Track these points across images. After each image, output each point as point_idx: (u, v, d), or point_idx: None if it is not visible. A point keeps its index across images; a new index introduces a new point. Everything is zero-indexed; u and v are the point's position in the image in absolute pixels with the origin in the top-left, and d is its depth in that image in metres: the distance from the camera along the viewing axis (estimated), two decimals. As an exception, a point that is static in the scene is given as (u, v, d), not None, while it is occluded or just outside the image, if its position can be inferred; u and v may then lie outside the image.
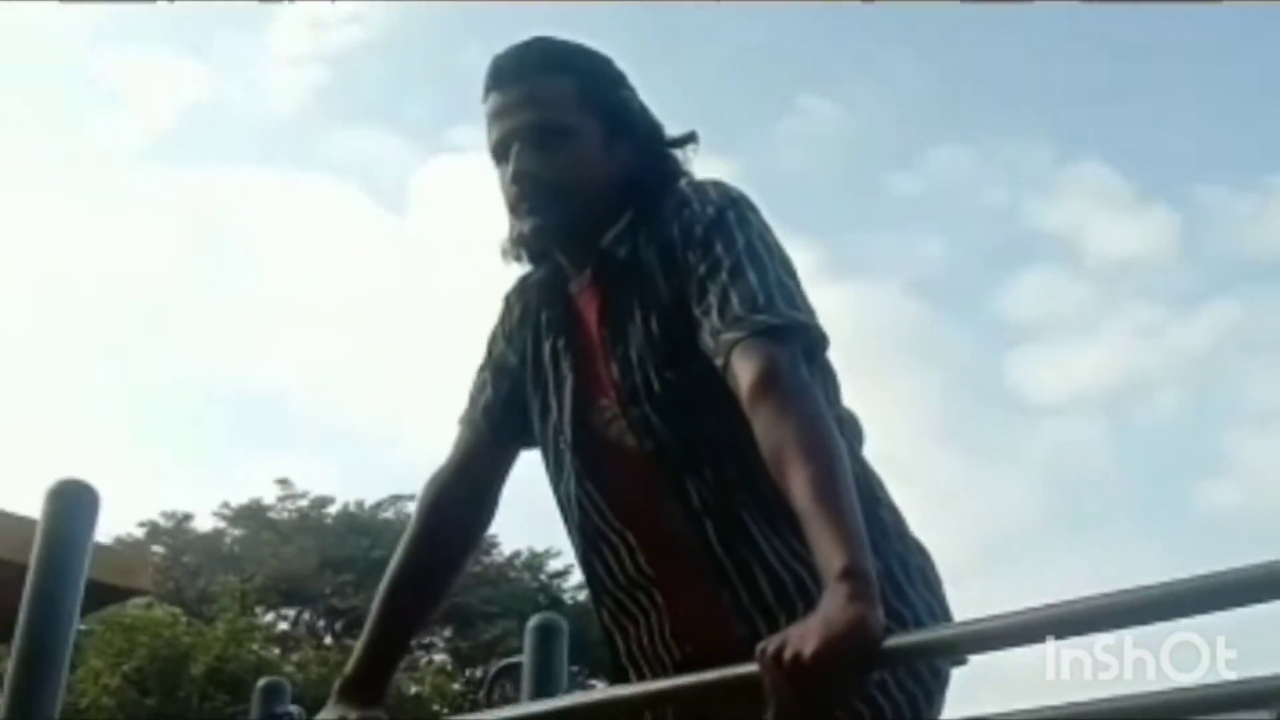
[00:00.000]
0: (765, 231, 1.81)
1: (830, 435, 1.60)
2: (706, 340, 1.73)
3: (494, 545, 25.77)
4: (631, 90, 1.94)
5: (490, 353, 2.07)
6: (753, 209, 1.83)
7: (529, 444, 2.02)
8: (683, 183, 1.90)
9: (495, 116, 1.89)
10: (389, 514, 25.31)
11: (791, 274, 1.78)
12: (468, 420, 2.06)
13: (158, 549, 25.51)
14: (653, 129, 1.94)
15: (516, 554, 25.81)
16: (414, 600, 2.05)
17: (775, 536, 1.76)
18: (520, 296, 2.03)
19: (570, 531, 1.95)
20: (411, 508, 2.57)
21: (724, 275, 1.74)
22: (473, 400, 2.07)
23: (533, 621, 3.88)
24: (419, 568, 2.03)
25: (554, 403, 1.92)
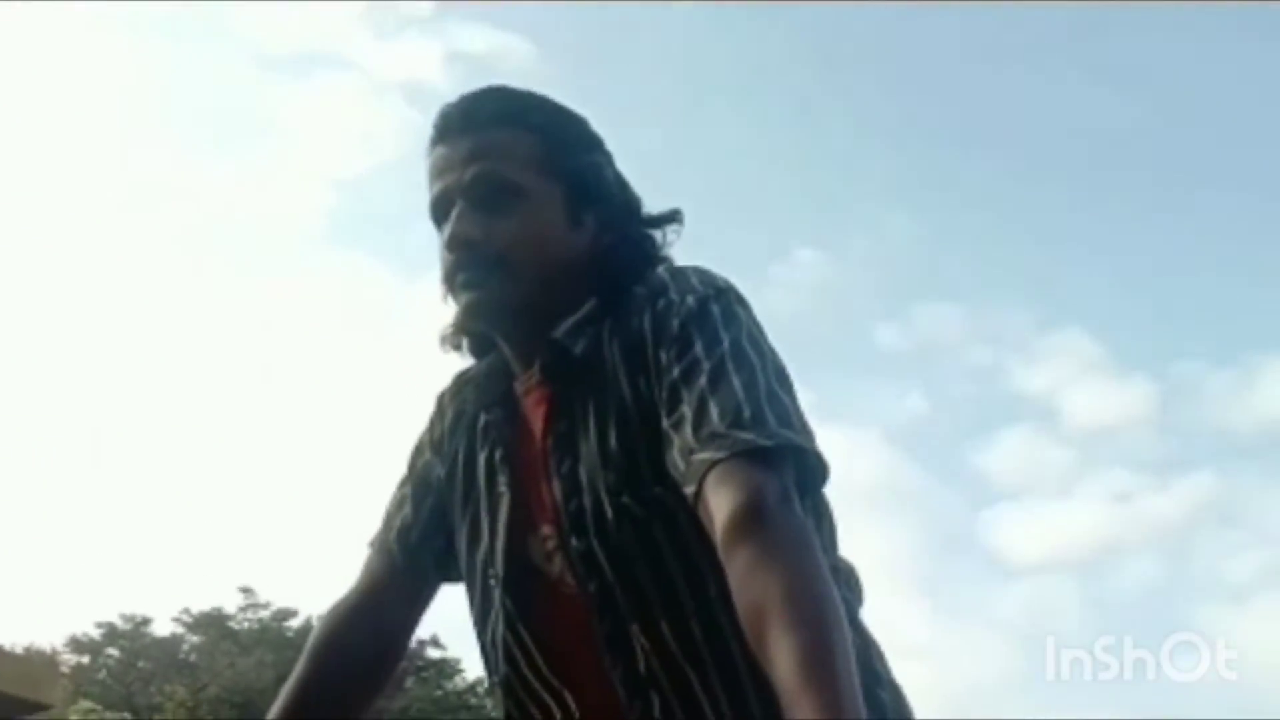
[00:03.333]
0: (756, 330, 1.46)
1: (827, 593, 1.23)
2: (676, 460, 1.37)
3: (458, 670, 25.14)
4: (607, 156, 1.59)
5: (413, 464, 1.70)
6: (742, 303, 1.48)
7: (451, 576, 1.65)
8: (660, 269, 1.55)
9: (435, 173, 1.54)
10: (352, 631, 24.61)
11: (786, 385, 1.42)
12: (379, 544, 1.69)
13: (113, 652, 24.88)
14: (628, 202, 1.59)
15: (479, 680, 25.07)
16: None
17: (741, 717, 1.39)
18: (455, 396, 1.67)
19: (493, 688, 1.57)
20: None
21: (703, 381, 1.38)
22: (387, 520, 1.70)
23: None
24: (306, 715, 1.63)
25: (485, 528, 1.55)
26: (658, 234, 1.58)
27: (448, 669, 25.24)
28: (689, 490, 1.34)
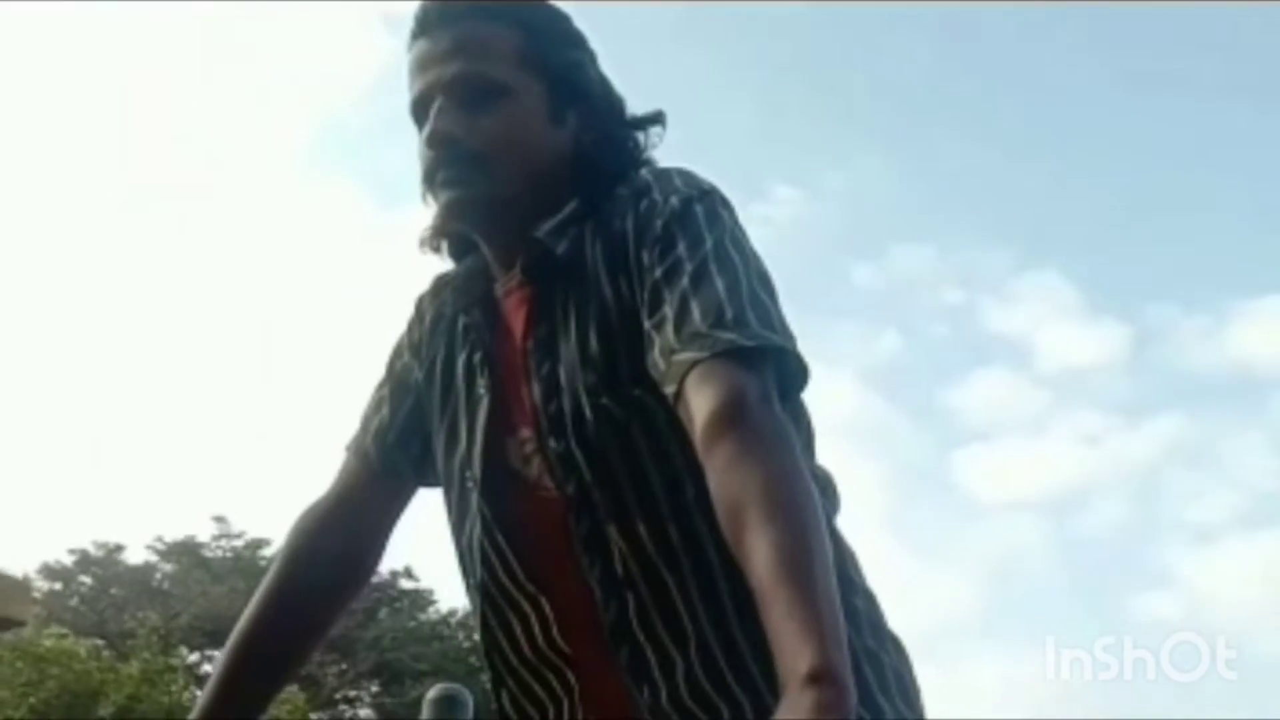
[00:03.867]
0: (740, 233, 1.44)
1: (805, 491, 1.22)
2: (657, 360, 1.35)
3: (430, 602, 25.24)
4: (591, 54, 1.56)
5: (391, 366, 1.68)
6: (726, 205, 1.46)
7: (428, 480, 1.64)
8: (644, 170, 1.53)
9: (416, 68, 1.51)
10: (326, 561, 24.65)
11: (769, 288, 1.40)
12: (355, 447, 1.68)
13: (85, 579, 24.89)
14: (611, 102, 1.56)
15: (453, 612, 25.23)
16: (264, 663, 1.64)
17: (717, 620, 1.39)
18: (434, 298, 1.64)
19: (470, 591, 1.55)
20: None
21: (685, 281, 1.37)
22: (364, 423, 1.68)
23: (433, 693, 3.40)
24: (275, 623, 1.62)
25: (463, 430, 1.54)
26: (641, 135, 1.56)
27: (421, 600, 25.36)
28: (669, 390, 1.33)
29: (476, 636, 1.56)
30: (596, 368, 1.41)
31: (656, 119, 1.57)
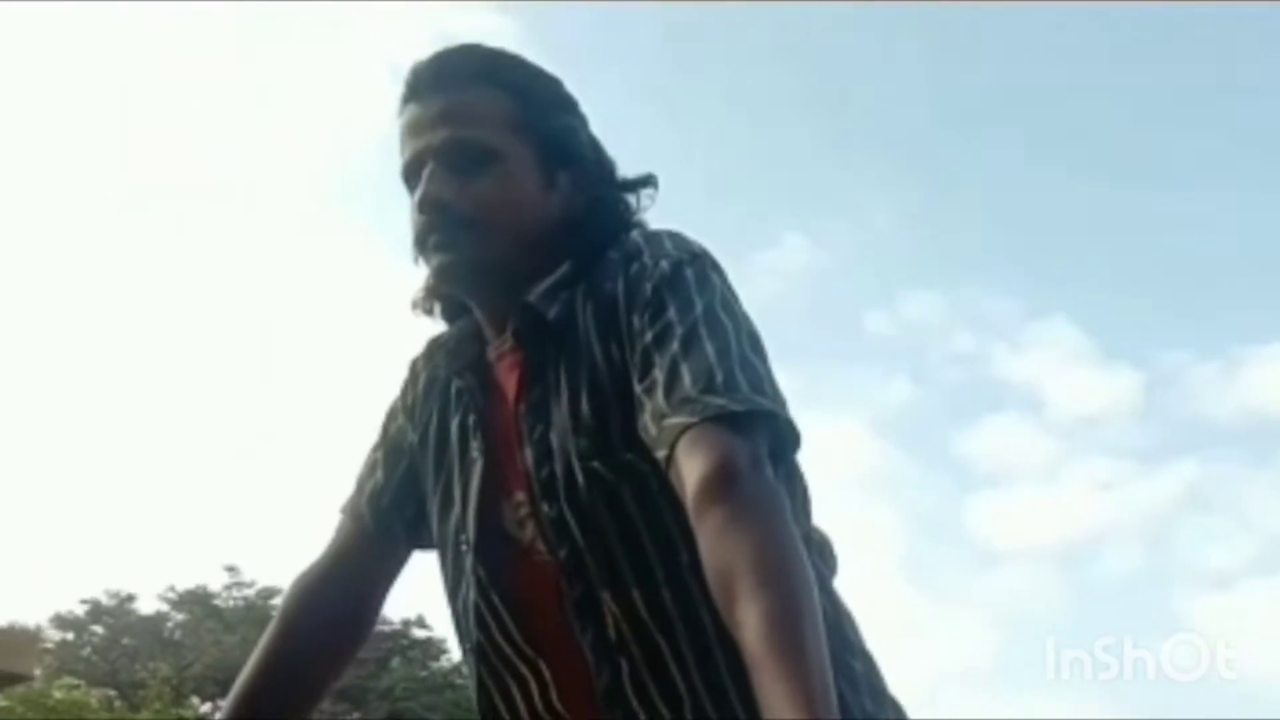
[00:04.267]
0: (730, 296, 1.44)
1: (796, 558, 1.21)
2: (648, 425, 1.35)
3: (443, 651, 25.14)
4: (582, 119, 1.57)
5: (385, 429, 1.68)
6: (716, 268, 1.46)
7: (423, 543, 1.64)
8: (634, 233, 1.53)
9: (408, 133, 1.52)
10: (337, 610, 24.58)
11: (759, 351, 1.40)
12: (350, 510, 1.67)
13: (97, 629, 24.84)
14: (603, 165, 1.57)
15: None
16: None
17: (712, 685, 1.38)
18: (428, 361, 1.64)
19: (465, 654, 1.55)
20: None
21: (675, 345, 1.36)
22: (359, 485, 1.68)
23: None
24: (271, 687, 1.62)
25: (457, 494, 1.53)
26: (632, 198, 1.56)
27: (433, 649, 25.25)
28: (660, 455, 1.33)
29: (473, 699, 1.54)
30: (588, 432, 1.41)
31: (648, 181, 1.57)
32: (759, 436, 1.31)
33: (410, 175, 1.52)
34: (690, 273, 1.43)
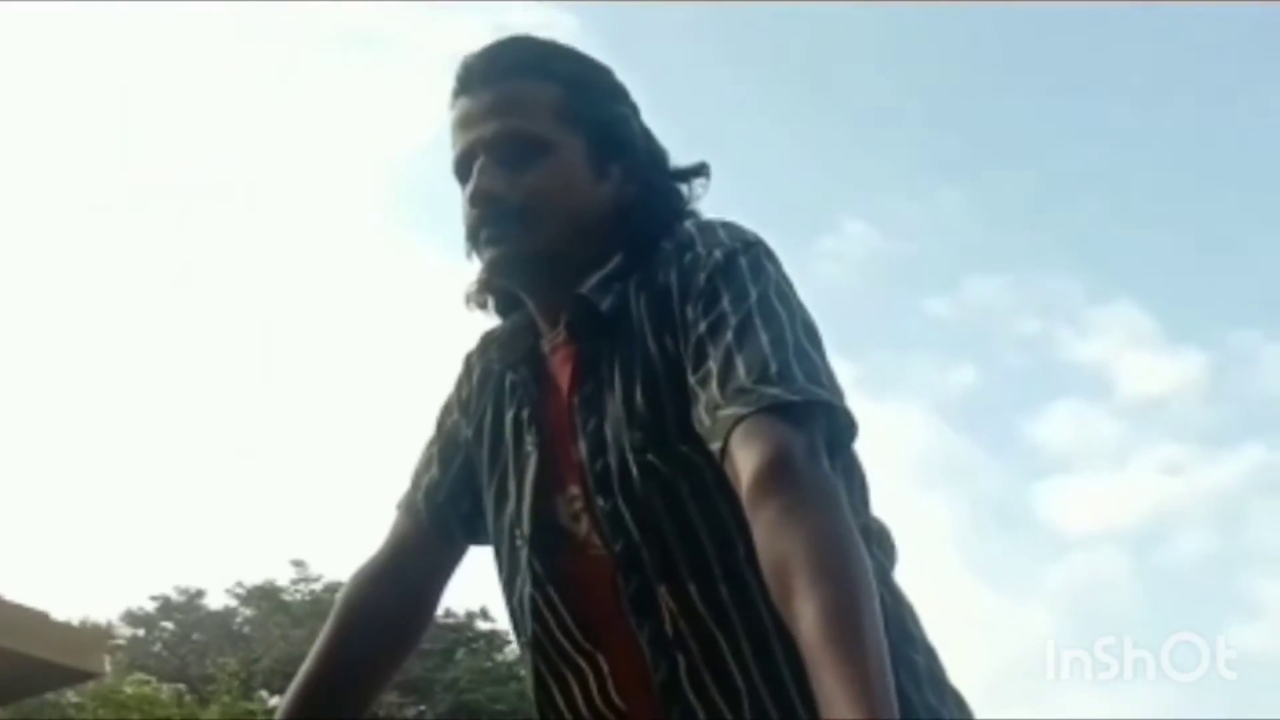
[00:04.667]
0: (785, 285, 1.43)
1: (854, 550, 1.20)
2: (702, 416, 1.34)
3: (506, 642, 25.21)
4: (633, 108, 1.56)
5: (441, 424, 1.68)
6: (770, 256, 1.44)
7: (479, 539, 1.63)
8: (687, 222, 1.52)
9: (459, 126, 1.51)
10: (402, 603, 24.71)
11: (815, 341, 1.38)
12: (406, 505, 1.67)
13: (167, 625, 25.14)
14: (654, 155, 1.55)
15: (530, 653, 25.21)
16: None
17: (771, 679, 1.36)
18: (482, 355, 1.64)
19: (523, 648, 1.54)
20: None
21: (729, 335, 1.35)
22: (414, 481, 1.68)
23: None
24: (329, 683, 1.62)
25: (512, 488, 1.53)
26: (684, 187, 1.55)
27: (497, 641, 25.33)
28: (715, 446, 1.31)
29: (530, 693, 1.54)
30: (642, 424, 1.40)
31: (700, 170, 1.56)
32: (815, 427, 1.29)
33: (461, 169, 1.51)
34: (744, 261, 1.41)
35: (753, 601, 1.36)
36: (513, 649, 24.95)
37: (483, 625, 25.16)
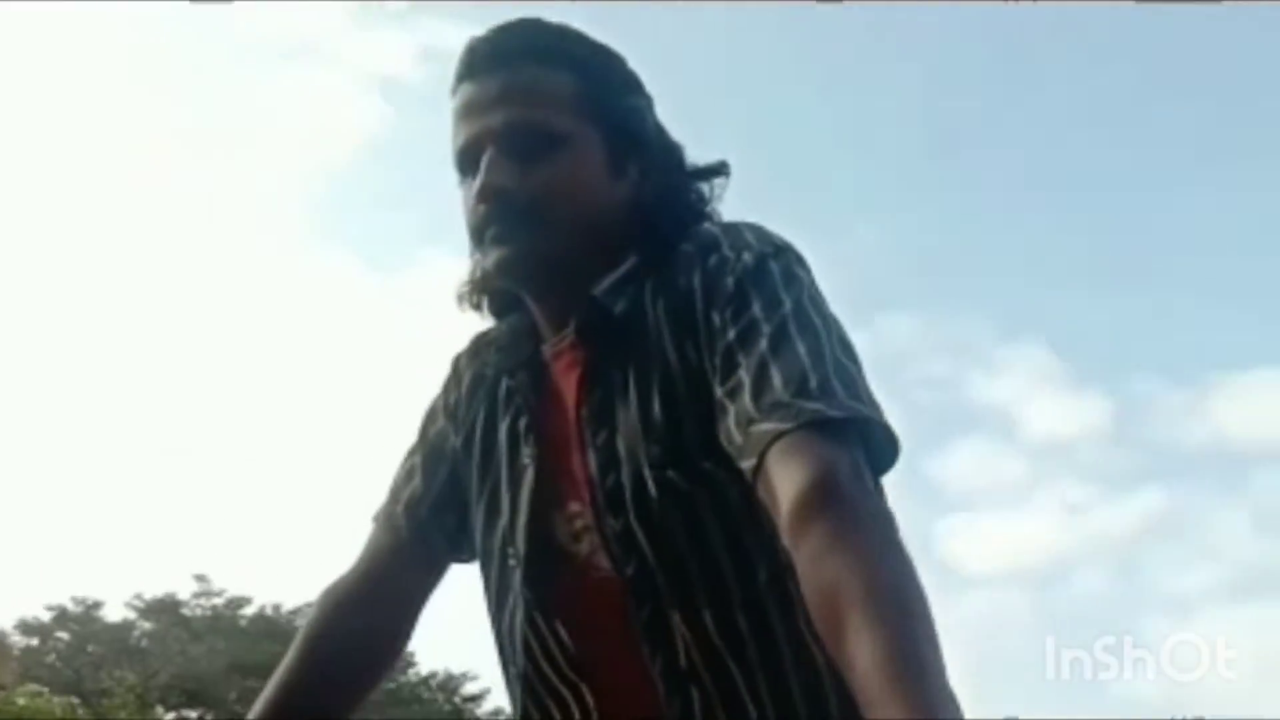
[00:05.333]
0: (818, 294, 1.32)
1: (914, 582, 1.08)
2: (731, 431, 1.23)
3: (410, 664, 24.90)
4: (648, 100, 1.45)
5: (425, 432, 1.56)
6: (802, 263, 1.34)
7: (463, 555, 1.51)
8: (708, 225, 1.41)
9: (463, 114, 1.39)
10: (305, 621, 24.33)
11: (852, 355, 1.28)
12: (385, 518, 1.54)
13: (63, 635, 24.52)
14: (670, 151, 1.45)
15: (433, 674, 24.93)
16: None
17: (785, 717, 1.26)
18: (474, 359, 1.52)
19: (510, 680, 1.43)
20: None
21: (763, 345, 1.24)
22: (394, 492, 1.55)
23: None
24: (296, 708, 1.48)
25: (505, 503, 1.41)
26: (704, 187, 1.44)
27: (403, 662, 25.06)
28: (747, 464, 1.20)
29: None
30: (660, 438, 1.29)
31: (719, 169, 1.46)
32: (857, 446, 1.19)
33: (465, 161, 1.39)
34: (775, 267, 1.31)
35: (771, 632, 1.27)
36: (415, 671, 24.66)
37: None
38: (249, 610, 24.92)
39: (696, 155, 1.46)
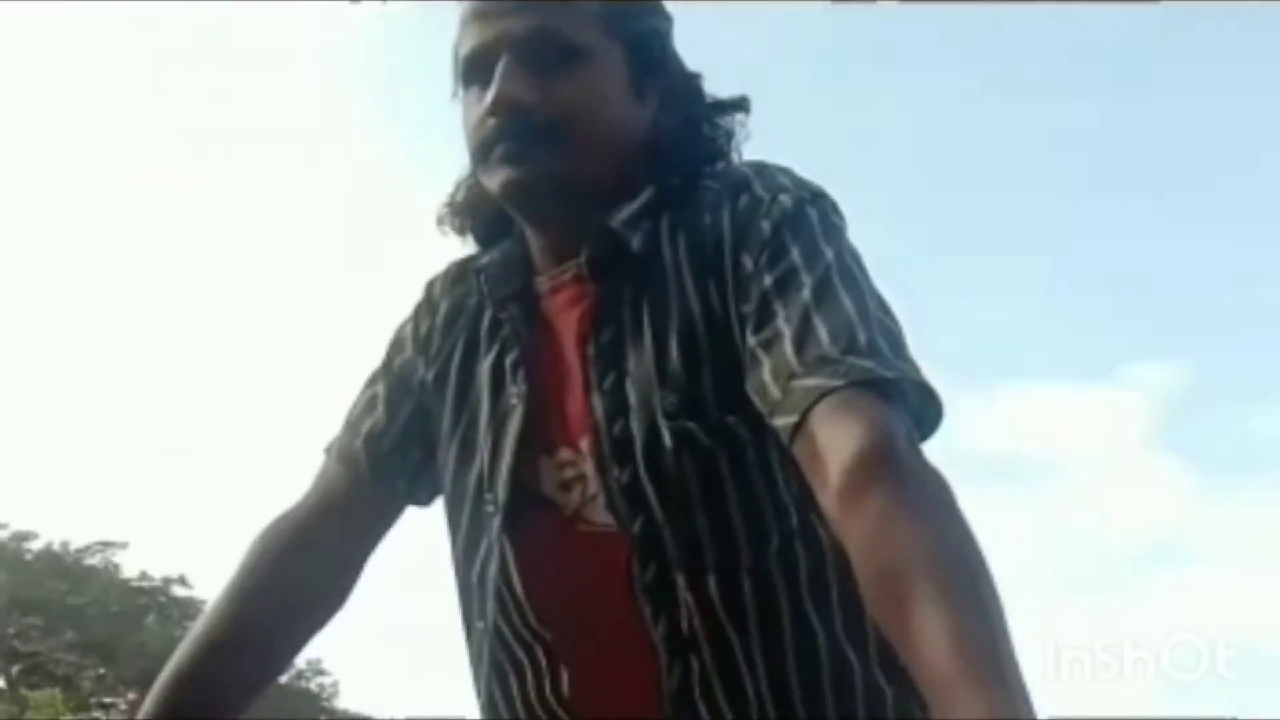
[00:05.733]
0: (857, 251, 1.24)
1: (982, 560, 0.99)
2: (767, 384, 1.13)
3: (200, 610, 24.22)
4: (669, 22, 1.34)
5: (390, 361, 1.43)
6: (839, 212, 1.26)
7: (422, 497, 1.40)
8: (738, 163, 1.32)
9: (475, 17, 1.27)
10: (94, 560, 23.53)
11: (892, 314, 1.19)
12: (342, 452, 1.41)
13: None
14: (689, 79, 1.35)
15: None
16: (209, 696, 1.32)
17: (779, 693, 1.18)
18: (453, 286, 1.40)
19: (471, 634, 1.32)
20: (121, 558, 1.67)
21: (805, 294, 1.15)
22: (351, 424, 1.42)
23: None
24: (230, 651, 1.34)
25: (481, 444, 1.30)
26: (727, 121, 1.35)
27: (192, 609, 24.35)
28: (784, 421, 1.11)
29: (480, 686, 1.30)
30: (677, 385, 1.19)
31: (740, 104, 1.36)
32: (906, 410, 1.11)
33: (474, 69, 1.27)
34: (814, 212, 1.22)
35: (774, 603, 1.19)
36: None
37: (179, 591, 24.21)
38: (35, 545, 24.04)
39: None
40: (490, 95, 1.24)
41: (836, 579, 1.19)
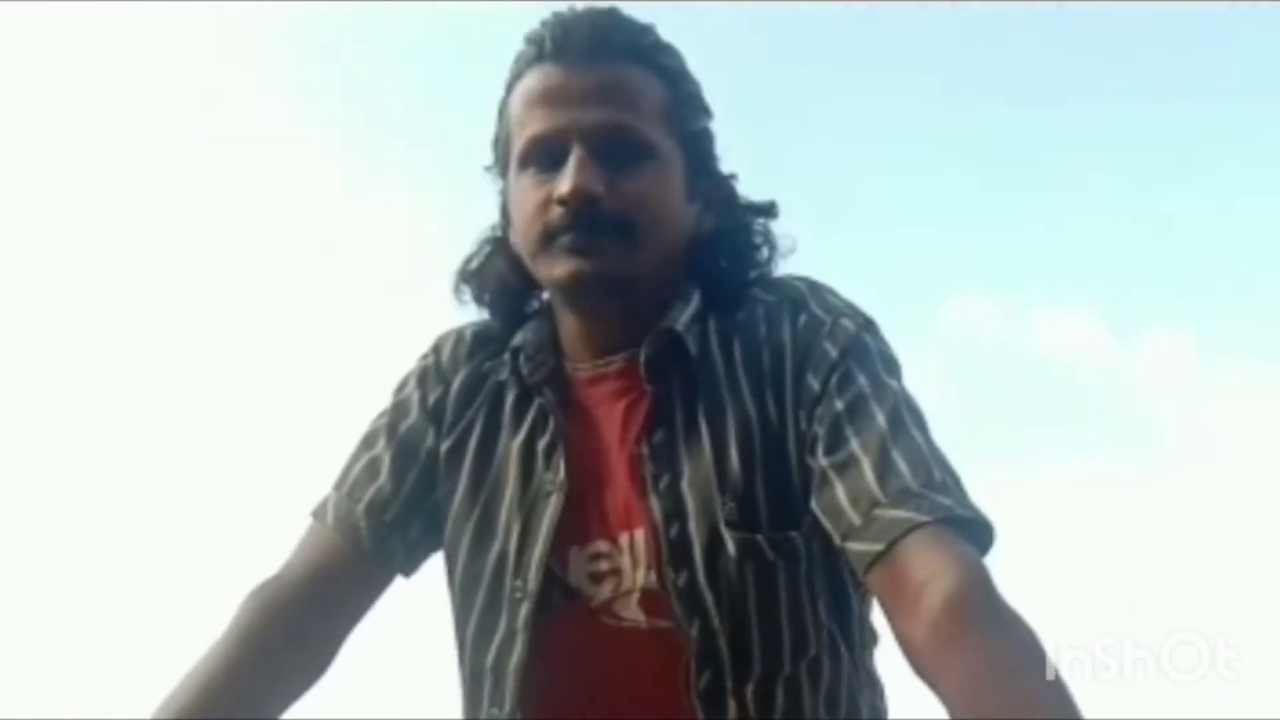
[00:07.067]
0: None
1: (1076, 707, 1.02)
2: (844, 508, 1.15)
3: None
4: (713, 119, 1.36)
5: (392, 425, 1.38)
6: (888, 344, 1.30)
7: (412, 569, 1.37)
8: (787, 276, 1.35)
9: (546, 99, 1.25)
10: None
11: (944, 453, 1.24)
12: (340, 518, 1.34)
13: None
14: (726, 182, 1.36)
15: None
16: None
17: None
18: (474, 353, 1.37)
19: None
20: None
21: (880, 424, 1.18)
22: (349, 489, 1.36)
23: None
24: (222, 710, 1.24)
25: (508, 527, 1.28)
26: (766, 227, 1.37)
27: None
28: (866, 548, 1.13)
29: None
30: (736, 494, 1.22)
31: (770, 209, 1.38)
32: (977, 546, 1.16)
33: (541, 153, 1.25)
34: (873, 343, 1.26)
35: (800, 710, 1.23)
36: None
37: None
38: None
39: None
40: (565, 185, 1.22)
41: (846, 694, 1.25)
